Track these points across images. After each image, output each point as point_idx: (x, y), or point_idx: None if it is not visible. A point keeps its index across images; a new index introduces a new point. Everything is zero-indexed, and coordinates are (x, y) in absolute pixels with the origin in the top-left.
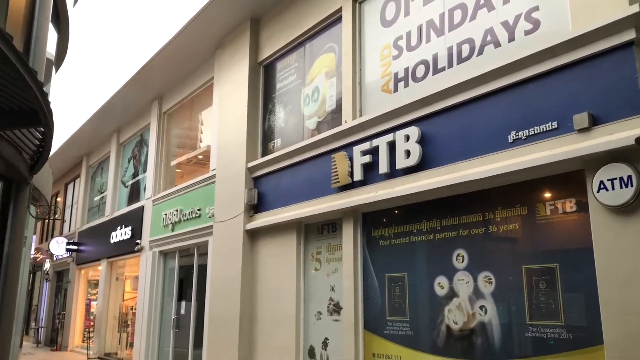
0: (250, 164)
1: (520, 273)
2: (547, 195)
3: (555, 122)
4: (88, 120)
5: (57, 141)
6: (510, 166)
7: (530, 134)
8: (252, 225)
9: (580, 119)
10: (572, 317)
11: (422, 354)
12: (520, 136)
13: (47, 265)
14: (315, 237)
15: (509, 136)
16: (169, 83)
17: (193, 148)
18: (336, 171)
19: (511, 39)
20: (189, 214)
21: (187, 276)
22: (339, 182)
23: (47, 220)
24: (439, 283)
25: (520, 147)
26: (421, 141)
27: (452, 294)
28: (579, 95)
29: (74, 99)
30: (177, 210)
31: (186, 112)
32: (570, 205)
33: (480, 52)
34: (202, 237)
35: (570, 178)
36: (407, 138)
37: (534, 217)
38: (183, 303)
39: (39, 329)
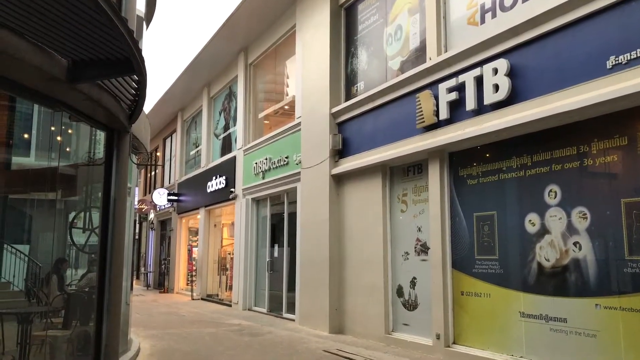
0: (334, 109)
1: (618, 207)
2: None
3: None
4: (179, 77)
5: (153, 98)
6: (609, 94)
7: (632, 57)
8: (337, 170)
9: None
10: None
11: (512, 292)
12: (620, 61)
13: (151, 216)
14: (401, 179)
15: (607, 62)
16: (253, 34)
17: (279, 100)
18: (421, 111)
19: None
20: (278, 162)
21: (279, 223)
22: (424, 122)
23: (149, 174)
24: (530, 220)
25: (620, 73)
26: (510, 74)
27: (543, 231)
28: None
29: (165, 57)
30: (266, 159)
31: (271, 62)
32: None
33: None
34: (291, 183)
35: None
36: (495, 71)
37: (635, 148)
38: (276, 247)
39: (148, 274)
